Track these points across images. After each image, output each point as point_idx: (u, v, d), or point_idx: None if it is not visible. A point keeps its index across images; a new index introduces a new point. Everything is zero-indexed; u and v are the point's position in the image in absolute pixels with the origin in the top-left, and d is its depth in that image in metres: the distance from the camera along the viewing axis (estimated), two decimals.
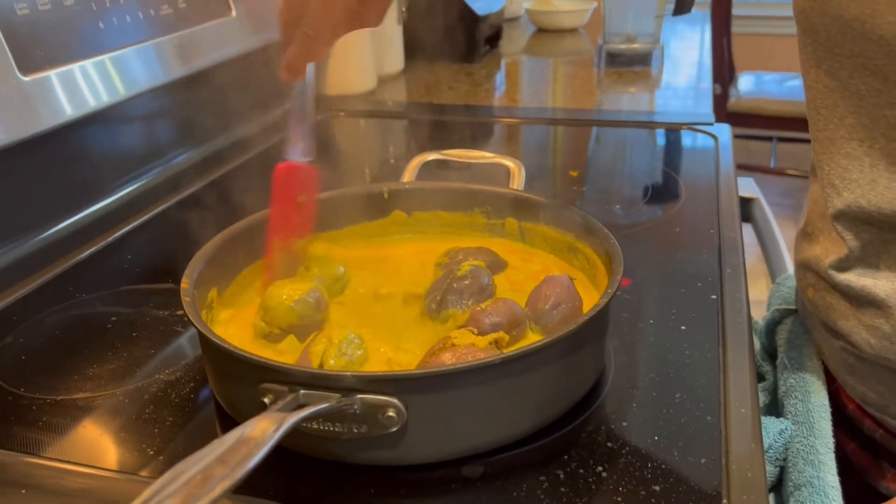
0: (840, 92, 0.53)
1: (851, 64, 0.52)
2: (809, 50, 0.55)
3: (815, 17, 0.53)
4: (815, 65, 0.55)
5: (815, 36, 0.54)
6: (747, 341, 0.55)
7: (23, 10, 0.63)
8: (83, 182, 0.77)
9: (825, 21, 0.52)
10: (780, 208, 2.66)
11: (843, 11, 0.50)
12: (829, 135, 0.55)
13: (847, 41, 0.51)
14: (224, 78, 0.93)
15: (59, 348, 0.57)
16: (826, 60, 0.54)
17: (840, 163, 0.54)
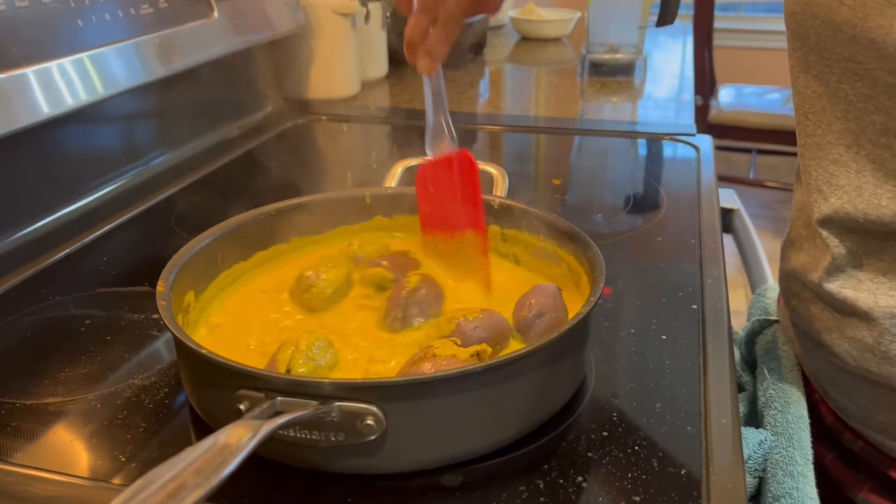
0: (828, 97, 0.54)
1: (840, 68, 0.52)
2: (799, 55, 0.56)
3: (806, 21, 0.53)
4: (804, 70, 0.55)
5: (804, 40, 0.54)
6: (728, 351, 0.55)
7: (0, 7, 0.62)
8: (59, 182, 0.76)
9: (815, 24, 0.52)
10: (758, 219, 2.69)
11: (833, 15, 0.51)
12: (816, 140, 0.55)
13: (837, 45, 0.51)
14: (204, 79, 0.92)
15: (30, 351, 0.56)
16: (815, 65, 0.54)
17: (828, 168, 0.55)
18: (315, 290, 0.55)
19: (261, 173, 0.96)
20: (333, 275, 0.56)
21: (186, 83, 0.87)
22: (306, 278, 0.55)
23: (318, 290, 0.55)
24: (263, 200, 0.63)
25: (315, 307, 0.55)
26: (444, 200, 0.58)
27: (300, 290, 0.56)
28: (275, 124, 1.08)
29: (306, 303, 0.55)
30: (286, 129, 1.08)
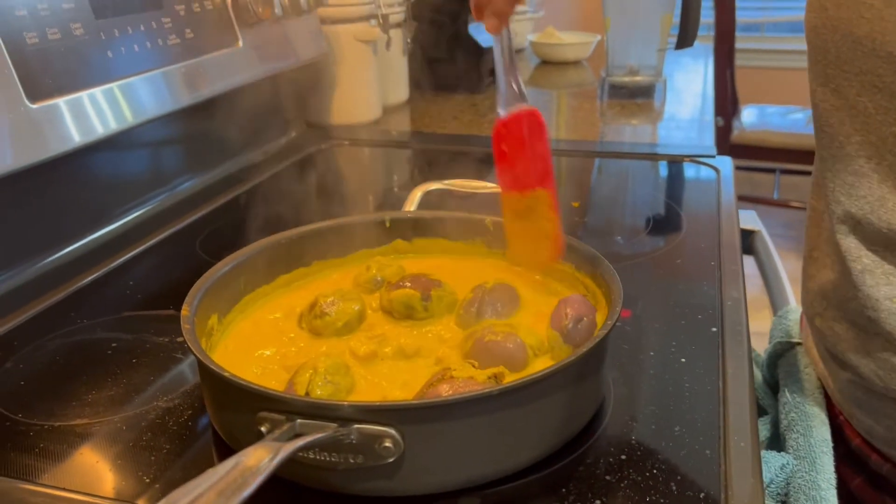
0: (847, 110, 0.54)
1: (860, 82, 0.52)
2: (818, 68, 0.56)
3: (826, 34, 0.54)
4: (822, 83, 0.56)
5: (824, 53, 0.55)
6: (747, 374, 0.54)
7: (32, 40, 0.64)
8: (87, 208, 0.78)
9: (835, 38, 0.53)
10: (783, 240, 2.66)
11: (853, 28, 0.51)
12: (834, 152, 0.56)
13: (856, 59, 0.52)
14: (229, 106, 0.94)
15: (58, 374, 0.57)
16: (834, 78, 0.55)
17: (846, 179, 0.55)
18: (327, 319, 0.55)
19: (284, 198, 0.97)
20: (347, 307, 0.56)
21: (212, 110, 0.89)
22: (320, 305, 0.56)
23: (329, 320, 0.55)
24: (286, 225, 0.64)
25: (322, 335, 0.55)
26: (515, 158, 0.58)
27: (312, 316, 0.56)
28: (298, 149, 1.10)
29: (315, 328, 0.55)
30: (309, 154, 1.10)
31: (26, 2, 0.64)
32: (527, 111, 0.58)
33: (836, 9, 0.53)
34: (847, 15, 0.52)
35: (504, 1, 0.55)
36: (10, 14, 0.63)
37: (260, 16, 0.91)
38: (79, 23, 0.69)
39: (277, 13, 0.93)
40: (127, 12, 0.75)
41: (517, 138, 0.58)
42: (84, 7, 0.70)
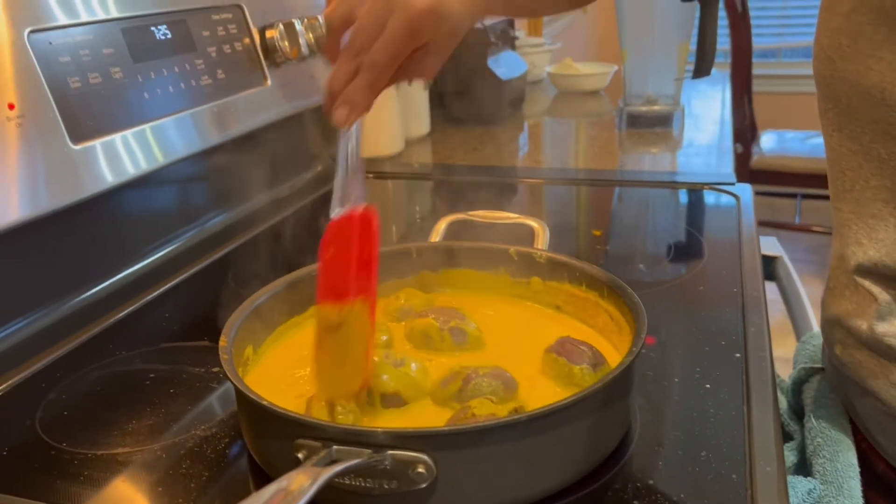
0: (863, 155, 0.55)
1: (872, 129, 0.53)
2: (831, 115, 0.57)
3: (836, 85, 0.55)
4: (837, 129, 0.57)
5: (835, 102, 0.55)
6: (772, 399, 0.55)
7: (75, 84, 0.68)
8: (122, 244, 0.81)
9: (845, 88, 0.54)
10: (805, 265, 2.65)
11: (862, 79, 0.52)
12: (855, 195, 0.56)
13: (867, 107, 0.53)
14: (257, 143, 0.97)
15: (99, 404, 0.59)
16: (848, 125, 0.55)
17: (868, 222, 0.55)
18: None
19: (311, 230, 1.00)
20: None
21: (240, 147, 0.92)
22: None
23: None
24: (315, 256, 0.66)
25: None
26: (339, 264, 0.51)
27: None
28: (324, 183, 1.12)
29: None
30: None
31: (70, 48, 0.68)
32: (360, 212, 0.51)
33: (843, 61, 0.54)
34: (855, 67, 0.52)
35: (359, 90, 0.49)
36: (55, 60, 0.66)
37: (287, 55, 0.94)
38: (118, 67, 0.72)
39: (304, 52, 0.96)
40: (162, 55, 0.78)
41: (345, 241, 0.51)
42: (123, 51, 0.73)
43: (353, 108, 0.50)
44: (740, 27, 2.57)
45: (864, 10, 0.52)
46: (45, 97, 0.64)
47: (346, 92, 0.49)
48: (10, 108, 0.61)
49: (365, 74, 0.49)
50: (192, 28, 0.83)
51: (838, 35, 0.54)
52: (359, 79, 0.49)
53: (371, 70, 0.48)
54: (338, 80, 0.49)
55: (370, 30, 0.48)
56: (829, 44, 0.55)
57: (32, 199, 0.63)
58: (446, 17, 0.49)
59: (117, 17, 0.73)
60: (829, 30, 0.55)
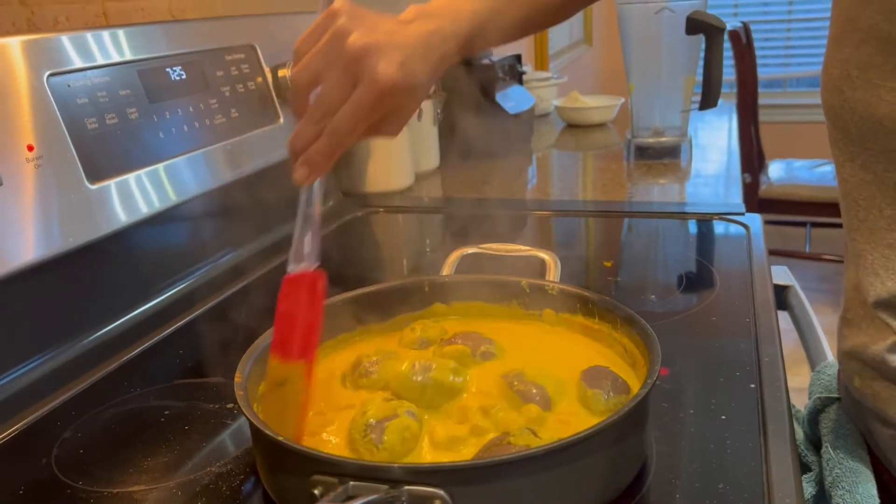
0: (877, 185, 0.55)
1: (886, 158, 0.53)
2: (842, 145, 0.57)
3: (846, 115, 0.55)
4: (849, 159, 0.57)
5: (846, 132, 0.56)
6: (788, 430, 0.55)
7: (93, 125, 0.69)
8: (134, 282, 0.81)
9: (855, 118, 0.54)
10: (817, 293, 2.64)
11: (873, 109, 0.52)
12: (870, 225, 0.56)
13: (880, 137, 0.53)
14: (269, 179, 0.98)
15: (115, 442, 0.59)
16: (860, 155, 0.55)
17: (883, 252, 0.55)
18: (372, 378, 0.57)
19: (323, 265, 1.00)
20: (391, 365, 0.57)
21: (252, 184, 0.93)
22: (364, 366, 0.58)
23: (375, 378, 0.57)
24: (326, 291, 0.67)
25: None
26: (288, 321, 0.53)
27: (356, 375, 0.58)
28: (335, 217, 1.13)
29: (359, 388, 0.57)
30: (346, 222, 1.13)
31: (88, 90, 0.69)
32: (310, 274, 0.53)
33: (852, 91, 0.54)
34: (865, 97, 0.53)
35: (319, 153, 0.50)
36: (73, 102, 0.68)
37: None
38: (134, 107, 0.73)
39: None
40: (177, 96, 0.79)
41: (295, 300, 0.52)
42: (139, 92, 0.74)
43: (313, 169, 0.51)
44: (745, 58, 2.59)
45: (873, 42, 0.52)
46: (63, 138, 0.66)
47: (308, 154, 0.50)
48: (30, 149, 0.63)
49: (327, 139, 0.50)
50: (207, 68, 0.84)
51: (847, 66, 0.54)
52: (320, 142, 0.50)
53: (333, 136, 0.50)
54: (300, 141, 0.51)
55: (335, 98, 0.49)
56: (839, 74, 0.55)
57: (49, 238, 0.64)
58: (411, 88, 0.51)
59: (134, 59, 0.75)
60: (838, 60, 0.56)
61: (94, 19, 0.83)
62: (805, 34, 3.79)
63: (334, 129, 0.50)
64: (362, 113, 0.50)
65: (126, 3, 0.86)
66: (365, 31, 0.50)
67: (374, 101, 0.50)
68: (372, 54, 0.49)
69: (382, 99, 0.50)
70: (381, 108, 0.51)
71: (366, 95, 0.49)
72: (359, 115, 0.50)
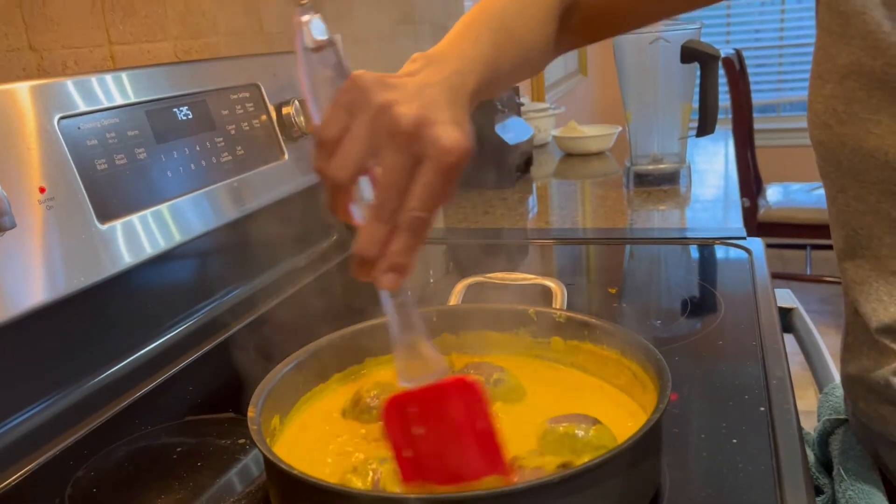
0: (871, 215, 0.55)
1: (878, 190, 0.54)
2: (833, 177, 0.58)
3: (835, 148, 0.55)
4: (840, 190, 0.57)
5: (836, 165, 0.56)
6: (800, 453, 0.55)
7: (102, 166, 0.70)
8: (141, 321, 0.81)
9: (845, 152, 0.54)
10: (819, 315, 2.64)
11: (862, 142, 0.53)
12: (873, 252, 0.56)
13: (870, 169, 0.53)
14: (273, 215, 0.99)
15: (127, 480, 0.59)
16: (852, 187, 0.56)
17: (888, 279, 0.55)
18: (374, 413, 0.57)
19: (329, 299, 1.01)
20: None
21: (257, 220, 0.94)
22: (364, 401, 0.58)
23: (377, 413, 0.57)
24: (334, 324, 0.67)
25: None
26: (439, 443, 0.45)
27: (357, 411, 0.58)
28: (340, 251, 1.14)
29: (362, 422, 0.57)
30: (349, 256, 1.14)
31: (97, 132, 0.70)
32: (455, 380, 0.45)
33: (840, 126, 0.54)
34: (853, 131, 0.53)
35: (406, 254, 0.43)
36: (83, 144, 0.69)
37: (303, 130, 0.97)
38: (143, 148, 0.74)
39: None
40: (184, 135, 0.81)
41: (437, 416, 0.45)
42: (147, 133, 0.76)
43: (401, 271, 0.44)
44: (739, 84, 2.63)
45: (855, 77, 0.53)
46: (74, 180, 0.67)
47: (391, 258, 0.43)
48: (42, 191, 0.64)
49: (406, 236, 0.43)
50: (212, 107, 0.86)
51: (833, 101, 0.55)
52: (400, 242, 0.43)
53: (412, 230, 0.43)
54: (374, 245, 0.43)
55: (400, 187, 0.42)
56: (824, 109, 0.56)
57: (57, 279, 0.65)
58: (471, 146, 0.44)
59: (141, 100, 0.76)
60: (823, 96, 0.56)
61: (102, 62, 0.84)
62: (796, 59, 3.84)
63: (413, 222, 0.42)
64: (437, 192, 0.43)
65: (132, 46, 0.88)
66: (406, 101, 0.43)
67: (446, 179, 0.43)
68: (429, 125, 0.42)
69: (456, 171, 0.43)
70: (454, 181, 0.43)
71: (438, 173, 0.42)
72: (435, 197, 0.43)
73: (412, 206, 0.42)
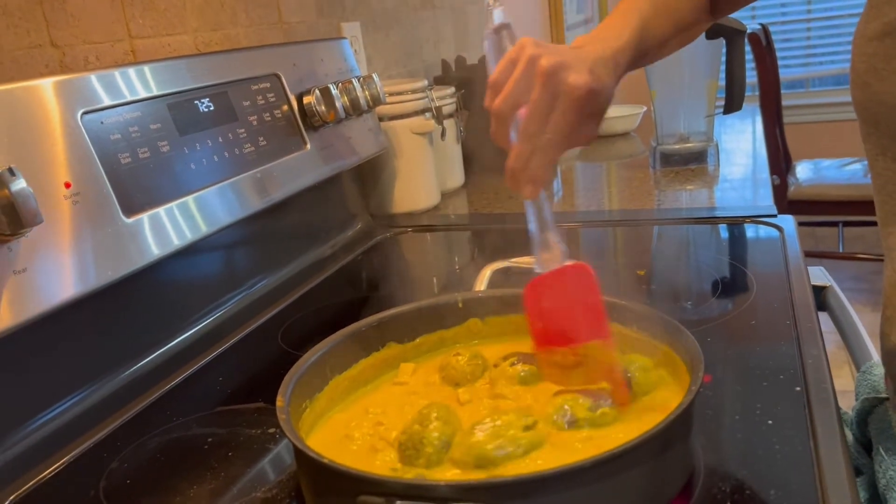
0: None
1: None
2: (874, 139, 0.57)
3: (874, 108, 0.55)
4: (881, 153, 0.56)
5: (876, 126, 0.55)
6: (839, 433, 0.54)
7: (126, 160, 0.70)
8: (171, 313, 0.82)
9: (884, 110, 0.54)
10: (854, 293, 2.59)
11: None
12: None
13: None
14: (298, 205, 0.99)
15: (160, 470, 0.60)
16: (891, 147, 0.55)
17: None
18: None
19: (355, 287, 1.01)
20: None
21: (282, 210, 0.94)
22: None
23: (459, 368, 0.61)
24: (361, 312, 0.67)
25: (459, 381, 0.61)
26: (561, 314, 0.57)
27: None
28: (364, 240, 1.14)
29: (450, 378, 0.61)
30: (375, 244, 1.14)
31: (120, 126, 0.71)
32: (573, 265, 0.57)
33: (879, 83, 0.54)
34: (892, 88, 0.53)
35: (540, 167, 0.55)
36: (107, 138, 0.69)
37: (325, 119, 0.97)
38: (165, 141, 0.75)
39: (340, 115, 0.99)
40: (206, 127, 0.81)
41: (561, 293, 0.57)
42: (169, 126, 0.76)
43: (537, 183, 0.55)
44: (766, 60, 2.58)
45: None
46: (99, 174, 0.67)
47: (529, 172, 0.55)
48: (67, 186, 0.64)
49: (543, 154, 0.54)
50: (233, 99, 0.86)
51: (873, 59, 0.54)
52: (538, 159, 0.54)
53: (547, 150, 0.54)
54: (520, 160, 0.55)
55: (542, 116, 0.54)
56: (865, 69, 0.55)
57: (87, 273, 0.65)
58: (603, 92, 0.57)
59: (163, 93, 0.77)
60: (864, 55, 0.55)
61: (123, 57, 0.84)
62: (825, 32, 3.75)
63: (547, 143, 0.54)
64: (568, 123, 0.54)
65: (153, 39, 0.88)
66: (551, 54, 0.55)
67: (576, 112, 0.54)
68: (564, 69, 0.54)
69: (582, 104, 0.54)
70: (582, 116, 0.55)
71: (567, 108, 0.54)
72: (566, 126, 0.54)
73: (548, 131, 0.54)
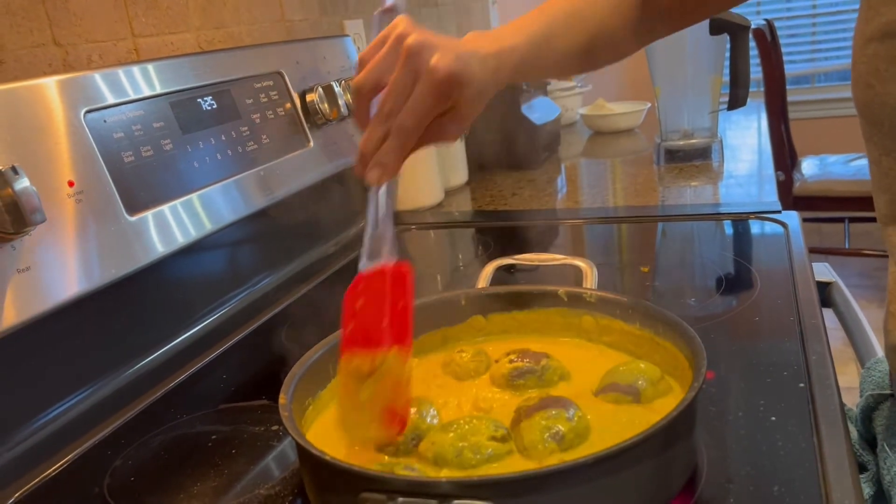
0: None
1: None
2: (876, 140, 0.56)
3: (877, 108, 0.54)
4: (885, 153, 0.56)
5: (880, 126, 0.55)
6: (843, 429, 0.53)
7: (129, 158, 0.70)
8: (175, 311, 0.82)
9: (888, 112, 0.53)
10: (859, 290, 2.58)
11: None
12: None
13: None
14: (302, 203, 0.99)
15: (164, 468, 0.60)
16: (895, 149, 0.55)
17: None
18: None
19: None
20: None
21: (286, 208, 0.94)
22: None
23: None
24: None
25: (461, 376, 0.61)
26: (370, 315, 0.52)
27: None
28: None
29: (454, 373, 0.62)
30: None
31: (123, 125, 0.71)
32: (392, 265, 0.53)
33: (882, 84, 0.53)
34: (895, 90, 0.52)
35: (392, 154, 0.51)
36: (110, 138, 0.69)
37: (328, 117, 0.97)
38: (168, 139, 0.75)
39: (343, 113, 0.99)
40: (209, 125, 0.81)
41: (377, 293, 0.52)
42: (172, 125, 0.76)
43: (384, 169, 0.52)
44: (771, 56, 2.56)
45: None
46: (102, 173, 0.67)
47: (378, 155, 0.52)
48: (70, 185, 0.64)
49: (394, 138, 0.51)
50: (236, 97, 0.86)
51: (875, 60, 0.54)
52: (389, 142, 0.51)
53: (400, 134, 0.51)
54: (370, 143, 0.52)
55: (398, 96, 0.51)
56: (867, 69, 0.55)
57: (90, 271, 0.65)
58: (468, 81, 0.52)
59: (166, 91, 0.77)
60: (866, 55, 0.55)
61: (126, 55, 0.85)
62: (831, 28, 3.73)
63: (400, 127, 0.51)
64: (425, 106, 0.51)
65: (155, 38, 0.89)
66: (423, 34, 0.52)
67: (434, 95, 0.51)
68: (428, 49, 0.51)
69: (441, 89, 0.51)
70: (441, 101, 0.52)
71: (425, 89, 0.51)
72: (422, 109, 0.51)
73: (402, 112, 0.51)
